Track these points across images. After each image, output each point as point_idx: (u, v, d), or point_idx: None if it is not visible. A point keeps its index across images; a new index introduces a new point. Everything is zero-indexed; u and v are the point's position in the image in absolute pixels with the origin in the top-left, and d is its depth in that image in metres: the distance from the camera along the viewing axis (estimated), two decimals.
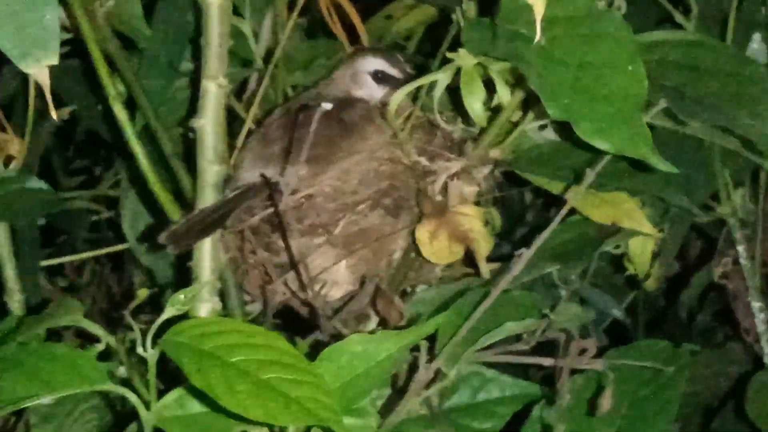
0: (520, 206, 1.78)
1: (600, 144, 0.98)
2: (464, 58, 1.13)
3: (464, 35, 1.09)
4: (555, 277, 1.34)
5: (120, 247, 1.68)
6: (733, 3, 1.38)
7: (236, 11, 1.40)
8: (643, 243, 1.41)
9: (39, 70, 0.76)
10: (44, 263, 1.68)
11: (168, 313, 0.96)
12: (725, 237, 1.49)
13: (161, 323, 0.96)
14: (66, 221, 1.84)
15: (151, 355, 0.95)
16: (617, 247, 1.40)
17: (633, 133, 0.97)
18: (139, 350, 0.95)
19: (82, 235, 1.95)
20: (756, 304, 1.46)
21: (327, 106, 1.09)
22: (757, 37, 1.40)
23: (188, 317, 1.03)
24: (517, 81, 1.17)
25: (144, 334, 0.95)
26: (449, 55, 1.14)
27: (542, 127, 1.30)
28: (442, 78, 1.16)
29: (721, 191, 1.42)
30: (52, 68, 0.79)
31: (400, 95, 1.20)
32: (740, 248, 1.46)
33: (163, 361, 0.96)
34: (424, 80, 1.18)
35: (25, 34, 0.75)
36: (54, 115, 0.78)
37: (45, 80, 0.76)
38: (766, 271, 1.50)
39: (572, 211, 1.29)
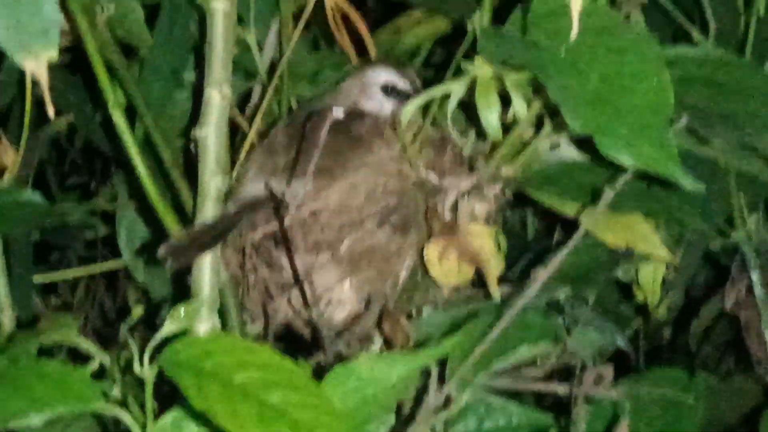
0: (525, 231, 1.75)
1: (623, 159, 0.94)
2: (480, 68, 1.09)
3: (480, 43, 1.05)
4: (563, 302, 1.31)
5: (116, 263, 1.64)
6: (752, 21, 1.35)
7: (240, 21, 1.37)
8: (654, 269, 1.38)
9: (37, 64, 0.71)
10: (38, 280, 1.64)
11: (167, 328, 0.91)
12: (738, 264, 1.45)
13: (159, 341, 0.91)
14: (61, 237, 1.81)
15: (148, 373, 0.90)
16: (626, 273, 1.36)
17: (659, 148, 0.93)
18: (136, 368, 0.90)
19: (78, 252, 1.91)
20: None
21: (338, 112, 1.05)
22: None
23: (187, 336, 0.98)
24: (533, 94, 1.13)
25: (141, 350, 0.90)
26: (464, 65, 1.10)
27: (555, 147, 1.26)
28: (456, 89, 1.11)
29: (736, 216, 1.38)
30: (50, 77, 0.74)
31: (413, 107, 1.15)
32: (754, 276, 1.41)
33: (158, 381, 0.92)
34: (437, 91, 1.13)
35: (23, 25, 0.71)
36: (51, 112, 0.74)
37: (43, 75, 0.71)
38: None
39: (585, 234, 1.25)
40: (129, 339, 0.92)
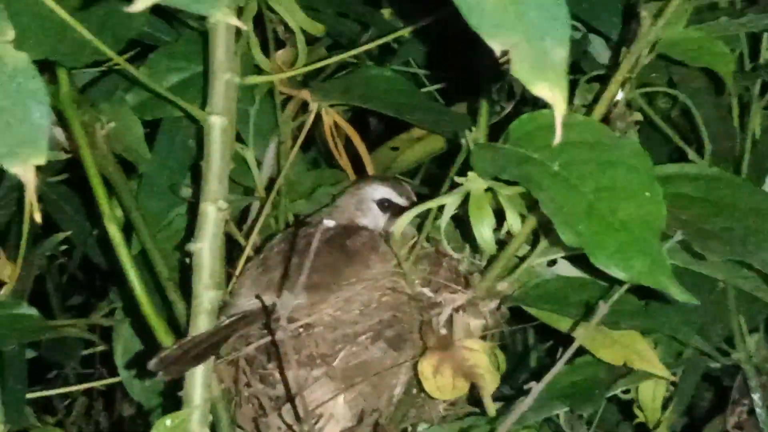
0: (524, 348, 1.74)
1: (616, 273, 0.94)
2: (474, 182, 1.09)
3: (474, 157, 1.06)
4: (562, 421, 1.29)
5: (111, 380, 1.63)
6: (748, 143, 1.36)
7: (239, 138, 1.38)
8: (654, 388, 1.36)
9: (24, 169, 0.71)
10: (33, 395, 1.63)
11: None
12: (740, 385, 1.43)
13: None
14: (57, 353, 1.79)
15: None
16: (626, 392, 1.35)
17: (651, 261, 0.93)
18: None
19: (75, 370, 1.90)
20: None
21: (329, 223, 1.05)
22: None
23: None
24: (528, 211, 1.14)
25: None
26: (458, 179, 1.11)
27: (552, 263, 1.26)
28: (450, 202, 1.12)
29: (736, 336, 1.37)
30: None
31: (406, 219, 1.15)
32: (755, 396, 1.40)
33: None
34: (431, 204, 1.14)
35: (13, 131, 0.71)
36: (38, 217, 0.73)
37: (30, 180, 0.71)
38: None
39: (583, 352, 1.25)
40: None
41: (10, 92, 0.71)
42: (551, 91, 0.65)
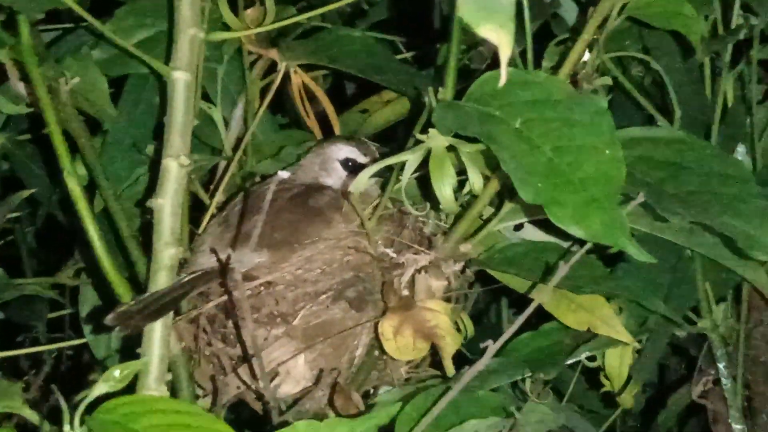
0: (497, 319, 1.73)
1: (574, 230, 0.93)
2: (435, 139, 1.07)
3: (435, 115, 1.04)
4: (528, 388, 1.29)
5: (77, 341, 1.62)
6: (717, 111, 1.35)
7: (207, 98, 1.37)
8: (620, 356, 1.35)
9: None
10: None
11: (99, 389, 0.89)
12: (705, 354, 1.42)
13: (94, 401, 0.89)
14: (24, 314, 1.78)
15: None
16: (592, 360, 1.34)
17: (609, 219, 0.93)
18: (66, 429, 0.87)
19: (43, 333, 1.89)
20: (737, 427, 1.39)
21: (284, 174, 1.04)
22: (741, 149, 1.37)
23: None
24: (491, 171, 1.13)
25: (72, 410, 0.88)
26: (419, 136, 1.09)
27: (518, 228, 1.25)
28: (411, 159, 1.10)
29: (702, 305, 1.36)
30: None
31: (364, 176, 1.13)
32: (721, 366, 1.39)
33: None
34: (392, 160, 1.12)
35: None
36: None
37: None
38: (748, 393, 1.43)
39: (549, 318, 1.24)
40: (60, 399, 0.89)
41: None
42: (497, 33, 0.63)
